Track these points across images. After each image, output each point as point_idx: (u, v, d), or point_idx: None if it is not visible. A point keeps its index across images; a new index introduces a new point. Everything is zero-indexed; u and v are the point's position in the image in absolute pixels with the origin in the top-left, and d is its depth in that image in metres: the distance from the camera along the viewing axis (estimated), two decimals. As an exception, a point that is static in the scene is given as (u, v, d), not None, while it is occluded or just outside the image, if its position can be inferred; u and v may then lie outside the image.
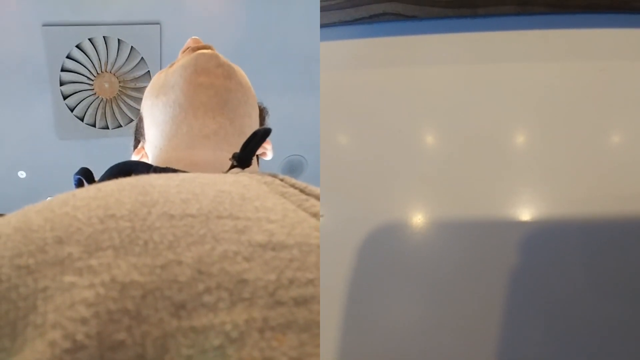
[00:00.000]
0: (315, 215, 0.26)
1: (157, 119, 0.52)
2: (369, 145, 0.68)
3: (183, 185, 0.27)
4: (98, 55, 2.03)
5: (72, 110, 2.13)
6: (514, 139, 0.66)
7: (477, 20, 0.69)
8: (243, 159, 0.42)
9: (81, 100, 2.12)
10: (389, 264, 0.60)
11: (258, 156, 0.59)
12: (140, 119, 0.58)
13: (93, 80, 2.08)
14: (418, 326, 0.58)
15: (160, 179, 0.28)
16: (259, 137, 0.43)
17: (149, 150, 0.54)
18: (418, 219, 0.62)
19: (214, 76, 0.51)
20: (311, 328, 0.19)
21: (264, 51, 2.07)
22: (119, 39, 2.00)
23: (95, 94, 2.12)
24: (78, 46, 1.98)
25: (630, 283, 0.56)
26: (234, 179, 0.30)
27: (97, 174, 0.45)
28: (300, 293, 0.20)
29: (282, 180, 0.31)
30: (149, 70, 2.08)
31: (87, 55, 2.02)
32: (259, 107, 0.60)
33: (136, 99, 2.14)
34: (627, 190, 0.59)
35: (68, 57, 1.99)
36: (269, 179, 0.31)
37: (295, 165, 2.47)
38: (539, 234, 0.58)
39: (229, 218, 0.24)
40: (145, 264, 0.20)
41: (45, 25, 1.89)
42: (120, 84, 2.12)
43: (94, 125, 2.19)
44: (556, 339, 0.54)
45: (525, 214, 0.60)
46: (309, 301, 0.20)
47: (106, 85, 2.10)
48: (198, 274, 0.20)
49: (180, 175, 0.31)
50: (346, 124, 0.70)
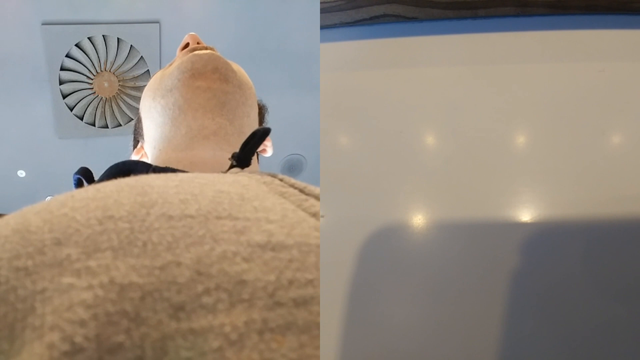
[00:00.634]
0: (314, 215, 0.26)
1: (156, 121, 0.52)
2: (369, 146, 0.68)
3: (182, 186, 0.27)
4: (97, 54, 2.02)
5: (72, 109, 2.13)
6: (514, 140, 0.66)
7: (477, 21, 0.69)
8: (242, 158, 0.42)
9: (81, 99, 2.12)
10: (389, 264, 0.60)
11: (258, 153, 0.59)
12: (139, 119, 0.58)
13: (92, 79, 2.08)
14: (418, 327, 0.58)
15: (159, 179, 0.28)
16: (258, 137, 0.43)
17: (148, 151, 0.54)
18: (418, 220, 0.62)
19: (210, 80, 0.51)
20: (311, 329, 0.19)
21: (263, 50, 2.07)
22: (118, 38, 2.00)
23: (95, 92, 2.12)
24: (77, 45, 1.98)
25: (630, 283, 0.56)
26: (233, 179, 0.30)
27: (97, 173, 0.45)
28: (300, 294, 0.20)
29: (282, 180, 0.31)
30: (148, 69, 2.08)
31: (87, 54, 2.01)
32: (259, 105, 0.59)
33: (135, 98, 2.14)
34: (627, 191, 0.59)
35: (67, 56, 1.99)
36: (268, 178, 0.31)
37: (295, 165, 2.47)
38: (539, 234, 0.58)
39: (228, 218, 0.24)
40: (144, 265, 0.20)
41: (44, 24, 1.89)
42: (120, 83, 2.11)
43: (94, 124, 2.19)
44: (556, 338, 0.54)
45: (525, 214, 0.60)
46: (308, 302, 0.20)
47: (105, 84, 2.10)
48: (197, 275, 0.20)
49: (179, 175, 0.31)
50: (346, 125, 0.70)
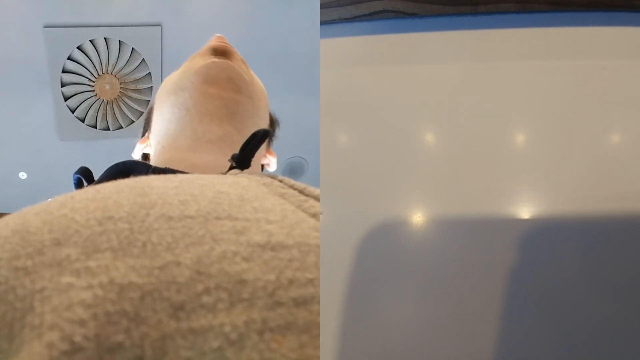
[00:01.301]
0: (314, 215, 0.26)
1: (164, 116, 0.53)
2: (368, 144, 0.68)
3: (181, 187, 0.27)
4: (99, 56, 2.03)
5: (73, 112, 2.13)
6: (513, 137, 0.66)
7: (478, 17, 0.69)
8: (242, 160, 0.42)
9: (82, 102, 2.12)
10: (389, 263, 0.60)
11: (263, 166, 0.59)
12: (151, 109, 0.58)
13: (94, 82, 2.09)
14: (418, 326, 0.58)
15: (159, 180, 0.28)
16: (258, 138, 0.43)
17: (153, 144, 0.54)
18: (418, 218, 0.62)
19: (222, 89, 0.51)
20: (311, 329, 0.19)
21: (264, 53, 2.07)
22: (120, 41, 2.00)
23: (96, 95, 2.12)
24: (79, 47, 1.99)
25: (629, 281, 0.55)
26: (233, 180, 0.30)
27: (98, 175, 0.45)
28: (300, 293, 0.20)
29: (281, 181, 0.31)
30: (149, 72, 2.08)
31: (88, 57, 2.02)
32: (270, 118, 0.60)
33: (137, 100, 2.14)
34: (627, 189, 0.59)
35: (69, 59, 2.00)
36: (268, 180, 0.31)
37: (296, 167, 2.47)
38: (538, 232, 0.58)
39: (227, 219, 0.24)
40: (144, 266, 0.20)
41: (46, 27, 1.89)
42: (121, 86, 2.12)
43: (95, 127, 2.19)
44: (555, 336, 0.54)
45: (524, 212, 0.60)
46: (308, 302, 0.20)
47: (107, 87, 2.10)
48: (197, 275, 0.20)
49: (179, 176, 0.31)
50: (346, 121, 0.70)
